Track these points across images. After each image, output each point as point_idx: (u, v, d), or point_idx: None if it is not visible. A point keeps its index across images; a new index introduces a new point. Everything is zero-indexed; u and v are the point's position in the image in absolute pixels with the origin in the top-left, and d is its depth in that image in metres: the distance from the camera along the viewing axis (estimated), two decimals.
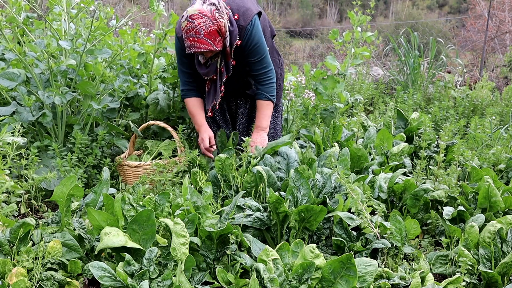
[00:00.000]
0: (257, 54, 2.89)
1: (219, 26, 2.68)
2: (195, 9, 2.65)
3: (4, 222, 2.13)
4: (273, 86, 3.02)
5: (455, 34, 13.54)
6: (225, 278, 1.95)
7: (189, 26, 2.64)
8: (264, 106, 3.02)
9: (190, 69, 2.99)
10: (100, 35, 2.97)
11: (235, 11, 2.80)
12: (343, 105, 3.88)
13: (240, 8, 2.81)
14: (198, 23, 2.62)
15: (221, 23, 2.68)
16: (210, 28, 2.64)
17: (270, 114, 3.05)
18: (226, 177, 2.67)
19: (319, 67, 4.12)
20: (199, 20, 2.63)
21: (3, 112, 2.83)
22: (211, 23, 2.64)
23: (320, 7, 28.24)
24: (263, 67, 2.95)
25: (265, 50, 2.93)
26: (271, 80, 3.01)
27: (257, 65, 2.94)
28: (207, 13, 2.65)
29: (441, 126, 4.69)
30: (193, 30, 2.63)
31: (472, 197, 2.71)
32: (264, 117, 3.02)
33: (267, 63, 2.96)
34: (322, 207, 2.18)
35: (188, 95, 3.06)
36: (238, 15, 2.79)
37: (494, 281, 2.02)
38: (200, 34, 2.63)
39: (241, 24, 2.79)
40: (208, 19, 2.64)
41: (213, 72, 2.88)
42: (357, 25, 3.87)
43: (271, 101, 3.02)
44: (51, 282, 1.87)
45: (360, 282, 1.82)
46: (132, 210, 2.11)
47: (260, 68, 2.95)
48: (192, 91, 3.06)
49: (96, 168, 3.08)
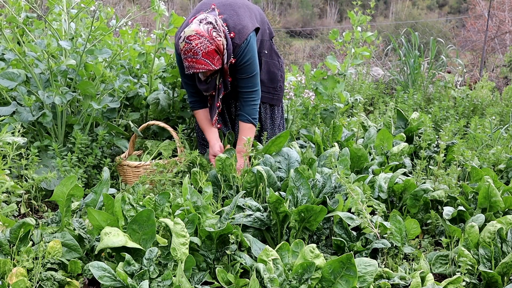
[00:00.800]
0: (246, 72, 2.88)
1: (217, 45, 2.66)
2: (192, 29, 2.62)
3: (4, 222, 2.13)
4: (255, 108, 2.99)
5: (455, 34, 13.54)
6: (225, 278, 1.95)
7: (186, 47, 2.62)
8: (246, 129, 2.98)
9: (194, 82, 2.97)
10: (100, 35, 2.97)
11: (232, 28, 2.78)
12: (343, 105, 3.88)
13: (237, 26, 2.78)
14: (196, 44, 2.60)
15: (219, 42, 2.66)
16: (208, 48, 2.62)
17: (250, 135, 2.99)
18: (226, 177, 2.67)
19: (319, 67, 4.12)
20: (197, 41, 2.60)
21: (3, 112, 2.83)
22: (208, 43, 2.62)
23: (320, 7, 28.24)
24: (250, 86, 2.93)
25: (255, 69, 2.90)
26: (255, 102, 2.98)
27: (244, 82, 2.92)
28: (204, 33, 2.62)
29: (441, 126, 4.69)
30: (191, 51, 2.61)
31: (472, 197, 2.71)
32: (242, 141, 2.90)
33: (254, 83, 2.94)
34: (322, 207, 2.18)
35: (196, 106, 3.06)
36: (234, 33, 2.78)
37: (494, 281, 2.02)
38: (198, 55, 2.61)
39: (236, 42, 2.77)
40: (206, 39, 2.61)
41: (212, 89, 2.88)
42: (357, 25, 3.87)
43: (253, 124, 2.99)
44: (51, 282, 1.87)
45: (360, 282, 1.82)
46: (132, 210, 2.11)
47: (247, 86, 2.93)
48: (199, 102, 3.05)
49: (96, 168, 3.08)
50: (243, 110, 2.97)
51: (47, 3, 3.16)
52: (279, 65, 3.21)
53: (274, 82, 3.19)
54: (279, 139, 2.87)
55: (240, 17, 2.82)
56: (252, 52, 2.85)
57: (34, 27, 3.26)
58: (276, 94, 3.23)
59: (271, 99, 3.22)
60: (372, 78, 7.44)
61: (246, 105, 2.96)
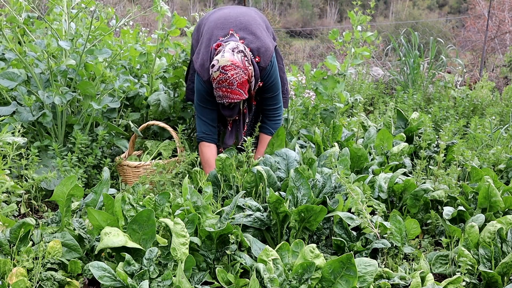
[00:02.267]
0: (272, 91, 2.94)
1: (249, 75, 2.67)
2: (227, 60, 2.58)
3: (4, 222, 2.13)
4: (279, 122, 3.06)
5: (455, 34, 13.54)
6: (225, 278, 1.95)
7: (222, 77, 2.58)
8: (267, 141, 3.05)
9: (214, 107, 2.92)
10: (100, 35, 2.98)
11: (255, 52, 2.77)
12: (343, 105, 3.88)
13: (260, 49, 2.77)
14: (232, 75, 2.57)
15: (250, 71, 2.67)
16: (242, 78, 2.61)
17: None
18: (226, 177, 2.67)
19: (319, 67, 4.11)
20: (232, 71, 2.57)
21: (3, 112, 2.83)
22: (243, 74, 2.61)
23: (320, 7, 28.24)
24: (275, 103, 3.01)
25: (279, 87, 2.97)
26: (279, 117, 3.06)
27: (270, 101, 2.98)
28: (239, 63, 2.60)
29: (441, 126, 4.69)
30: (226, 81, 2.59)
31: (472, 197, 2.71)
32: (263, 152, 3.06)
33: (279, 99, 3.02)
34: (322, 207, 2.18)
35: (207, 139, 2.95)
36: (259, 57, 2.77)
37: (494, 281, 2.02)
38: (233, 85, 2.60)
39: (261, 66, 2.78)
40: (241, 70, 2.60)
41: (236, 114, 2.88)
42: (357, 25, 3.87)
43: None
44: (51, 282, 1.87)
45: (360, 282, 1.82)
46: (132, 210, 2.11)
47: (272, 104, 3.00)
48: (211, 135, 2.95)
49: (96, 168, 3.08)
50: (267, 124, 3.04)
51: (48, 3, 3.16)
52: (283, 68, 3.24)
53: (282, 85, 3.21)
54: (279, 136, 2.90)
55: (260, 39, 2.81)
56: (276, 71, 2.90)
57: (34, 27, 3.26)
58: (285, 97, 3.26)
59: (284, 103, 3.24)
60: (372, 78, 7.44)
61: (271, 120, 3.04)
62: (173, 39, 3.71)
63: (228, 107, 2.81)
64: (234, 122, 3.01)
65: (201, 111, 2.93)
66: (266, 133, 3.04)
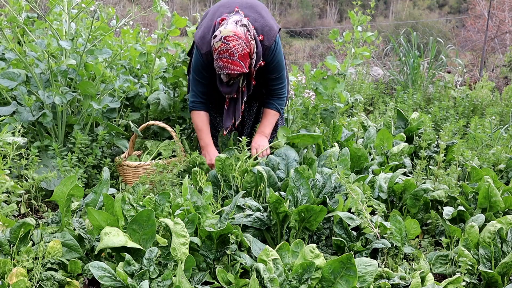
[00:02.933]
0: (277, 71, 2.96)
1: (251, 48, 2.67)
2: (229, 30, 2.59)
3: (4, 222, 2.13)
4: (284, 99, 3.10)
5: (455, 34, 13.54)
6: (225, 278, 1.95)
7: (223, 47, 2.59)
8: (271, 114, 3.08)
9: (209, 82, 2.96)
10: (101, 35, 2.98)
11: (260, 31, 2.79)
12: (343, 105, 3.88)
13: (264, 28, 2.80)
14: (233, 45, 2.58)
15: (252, 46, 2.68)
16: (244, 50, 2.61)
17: (274, 123, 3.11)
18: (226, 177, 2.67)
19: (319, 67, 4.11)
20: (234, 42, 2.58)
21: (3, 112, 2.83)
22: (245, 46, 2.62)
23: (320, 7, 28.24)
24: (280, 82, 3.04)
25: (284, 66, 3.01)
26: (284, 94, 3.09)
27: (275, 81, 3.01)
28: (242, 35, 2.61)
29: (441, 126, 4.69)
30: (227, 52, 2.59)
31: (472, 197, 2.71)
32: (268, 125, 3.08)
33: (284, 78, 3.05)
34: (322, 207, 2.18)
35: (198, 107, 3.03)
36: (262, 35, 2.79)
37: (494, 281, 2.02)
38: (234, 56, 2.59)
39: (265, 45, 2.80)
40: (243, 41, 2.61)
41: (234, 91, 2.86)
42: (357, 25, 3.87)
43: (279, 112, 3.09)
44: (51, 282, 1.87)
45: (360, 282, 1.82)
46: (132, 210, 2.11)
47: (278, 83, 3.03)
48: (203, 104, 3.03)
49: (96, 168, 3.08)
50: (273, 101, 3.06)
51: (48, 3, 3.16)
52: (285, 65, 3.24)
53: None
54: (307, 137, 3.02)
55: (265, 19, 2.84)
56: (280, 52, 2.92)
57: (34, 27, 3.26)
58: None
59: None
60: (372, 78, 7.44)
61: (276, 97, 3.07)
62: (173, 39, 3.71)
63: (227, 84, 2.81)
64: (231, 101, 2.97)
65: (194, 83, 2.99)
66: (271, 108, 3.07)
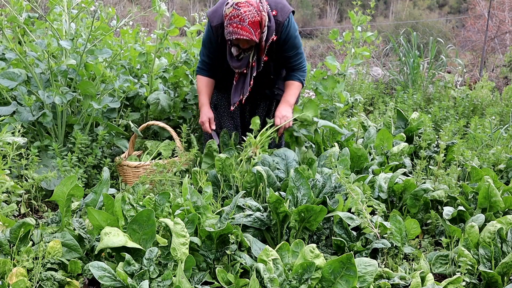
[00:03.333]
0: (294, 48, 2.99)
1: (262, 18, 2.73)
2: None
3: (4, 222, 2.13)
4: (305, 71, 3.13)
5: (455, 34, 13.53)
6: (225, 278, 1.95)
7: (234, 12, 2.67)
8: (295, 85, 3.10)
9: (215, 56, 3.03)
10: (101, 35, 2.98)
11: (273, 7, 2.86)
12: (343, 105, 3.88)
13: (278, 4, 2.87)
14: (244, 11, 2.66)
15: (263, 16, 2.74)
16: (254, 18, 2.68)
17: (297, 94, 3.13)
18: (226, 177, 2.67)
19: (319, 67, 4.12)
20: (245, 8, 2.66)
21: (3, 112, 2.83)
22: (256, 13, 2.69)
23: (320, 7, 28.23)
24: (299, 58, 3.06)
25: (300, 43, 3.03)
26: (305, 68, 3.12)
27: (294, 58, 3.03)
28: (253, 3, 2.70)
29: (441, 126, 4.69)
30: (238, 17, 2.66)
31: (472, 197, 2.71)
32: (292, 95, 3.07)
33: (301, 53, 3.07)
34: (322, 207, 2.18)
35: (202, 73, 3.12)
36: (276, 11, 2.85)
37: (494, 281, 2.02)
38: (244, 21, 2.66)
39: (279, 20, 2.85)
40: (254, 9, 2.69)
41: (244, 66, 2.91)
42: (357, 25, 3.87)
43: (301, 83, 3.11)
44: (51, 282, 1.87)
45: (360, 282, 1.82)
46: (132, 210, 2.11)
47: (297, 59, 3.05)
48: (206, 71, 3.11)
49: (96, 168, 3.08)
50: (295, 73, 3.09)
51: (48, 3, 3.17)
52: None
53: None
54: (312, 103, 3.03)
55: None
56: (294, 28, 2.94)
57: (35, 27, 3.26)
58: None
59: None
60: (372, 78, 7.44)
61: (298, 70, 3.09)
62: (172, 39, 3.71)
63: (237, 58, 2.87)
64: (241, 76, 3.00)
65: (203, 54, 3.10)
66: (293, 79, 3.09)
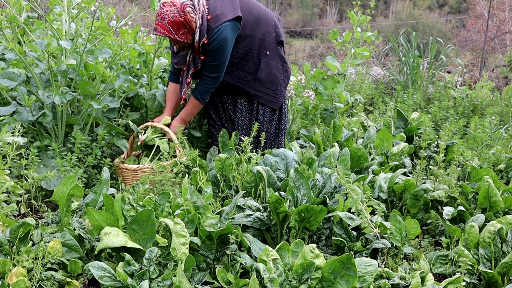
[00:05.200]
0: (212, 57, 2.97)
1: (186, 19, 2.85)
2: None
3: (4, 222, 2.13)
4: (208, 92, 3.11)
5: (455, 34, 13.53)
6: (225, 278, 1.95)
7: (159, 11, 2.88)
8: (193, 104, 3.15)
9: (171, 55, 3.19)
10: (101, 35, 2.98)
11: (211, 11, 2.94)
12: (343, 105, 3.88)
13: (216, 11, 2.93)
14: (166, 10, 2.84)
15: (191, 18, 2.86)
16: (175, 18, 2.83)
17: (194, 113, 3.21)
18: (226, 177, 2.67)
19: (319, 67, 4.12)
20: (168, 8, 2.85)
21: (3, 112, 2.82)
22: (177, 14, 2.83)
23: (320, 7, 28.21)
24: (213, 72, 3.02)
25: (221, 59, 2.97)
26: (211, 86, 3.09)
27: (208, 67, 3.03)
28: (177, 4, 2.85)
29: (441, 126, 4.69)
30: (160, 15, 2.86)
31: (472, 197, 2.72)
32: (187, 112, 3.17)
33: (218, 71, 3.02)
34: (322, 207, 2.18)
35: (172, 79, 3.26)
36: (211, 16, 2.93)
37: (494, 281, 2.02)
38: (164, 20, 2.84)
39: (210, 25, 2.92)
40: (176, 9, 2.84)
41: (182, 63, 3.07)
42: (357, 25, 3.87)
43: (199, 101, 3.13)
44: (51, 282, 1.87)
45: (360, 282, 1.82)
46: (132, 210, 2.11)
47: (210, 71, 3.03)
48: (175, 75, 3.23)
49: (96, 168, 3.08)
50: (197, 88, 3.13)
51: (48, 3, 3.16)
52: (282, 69, 3.20)
53: (275, 84, 3.17)
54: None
55: (224, 4, 2.95)
56: (224, 40, 2.91)
57: (35, 27, 3.26)
58: (275, 97, 3.19)
59: (269, 102, 3.19)
60: (372, 78, 7.44)
61: (202, 86, 3.10)
62: None
63: (176, 54, 3.06)
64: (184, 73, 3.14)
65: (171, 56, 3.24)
66: (193, 95, 3.13)
